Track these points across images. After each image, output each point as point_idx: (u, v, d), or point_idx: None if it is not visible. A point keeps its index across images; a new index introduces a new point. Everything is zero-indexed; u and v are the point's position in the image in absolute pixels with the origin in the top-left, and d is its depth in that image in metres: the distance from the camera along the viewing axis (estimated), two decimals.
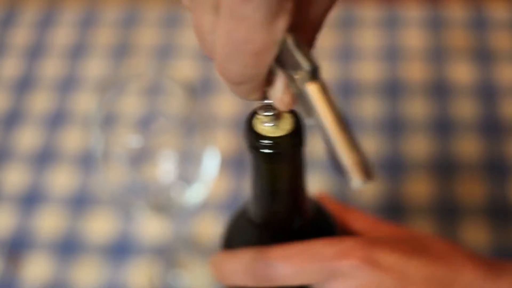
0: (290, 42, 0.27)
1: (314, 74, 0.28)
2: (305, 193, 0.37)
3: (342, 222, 0.41)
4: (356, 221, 0.41)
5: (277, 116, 0.32)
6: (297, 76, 0.28)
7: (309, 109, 0.28)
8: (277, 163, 0.33)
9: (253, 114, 0.33)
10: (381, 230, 0.40)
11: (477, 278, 0.37)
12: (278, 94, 0.30)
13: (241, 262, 0.38)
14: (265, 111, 0.32)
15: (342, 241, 0.37)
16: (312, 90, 0.28)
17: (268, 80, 0.30)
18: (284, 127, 0.32)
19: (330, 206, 0.41)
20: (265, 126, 0.32)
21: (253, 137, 0.32)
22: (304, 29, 0.29)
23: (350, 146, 0.27)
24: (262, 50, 0.27)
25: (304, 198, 0.37)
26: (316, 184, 0.68)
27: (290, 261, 0.36)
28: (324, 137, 0.28)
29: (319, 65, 0.28)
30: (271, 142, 0.32)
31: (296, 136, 0.32)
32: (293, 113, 0.32)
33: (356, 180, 0.27)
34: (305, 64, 0.27)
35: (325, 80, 0.28)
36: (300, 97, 0.29)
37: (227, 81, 0.29)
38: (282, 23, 0.27)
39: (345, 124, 0.27)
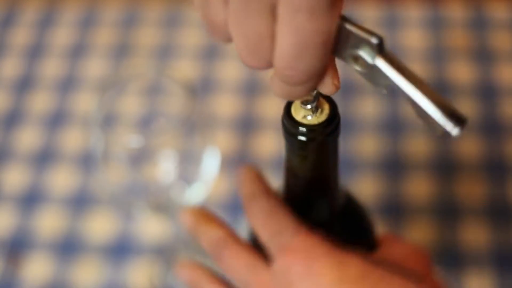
0: (344, 22, 0.28)
1: (382, 46, 0.28)
2: (337, 182, 0.37)
3: None
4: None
5: (316, 107, 0.32)
6: (363, 52, 0.28)
7: (383, 80, 0.28)
8: (312, 150, 0.33)
9: (291, 101, 0.33)
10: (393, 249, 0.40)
11: None
12: (328, 79, 0.30)
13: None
14: (306, 104, 0.32)
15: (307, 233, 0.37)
16: (385, 61, 0.28)
17: None
18: (321, 115, 0.32)
19: None
20: (303, 114, 0.33)
21: (290, 124, 0.33)
22: None
23: (438, 101, 0.27)
24: (329, 37, 0.27)
25: (335, 186, 0.37)
26: None
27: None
28: (411, 102, 0.28)
29: (382, 36, 0.28)
30: (308, 129, 0.32)
31: (332, 124, 0.32)
32: (329, 101, 0.33)
33: (453, 129, 0.27)
34: (372, 38, 0.27)
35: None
36: (368, 72, 0.29)
37: (292, 83, 0.29)
38: (340, 6, 0.27)
39: (425, 83, 0.28)
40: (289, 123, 0.33)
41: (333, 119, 0.32)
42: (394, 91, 0.28)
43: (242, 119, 0.74)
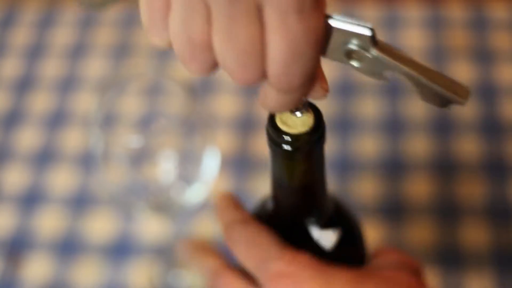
0: (330, 20, 0.27)
1: (375, 36, 0.28)
2: (324, 190, 0.37)
3: None
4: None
5: (302, 114, 0.32)
6: (357, 47, 0.28)
7: (384, 70, 0.29)
8: (298, 159, 0.33)
9: None
10: (385, 256, 0.40)
11: None
12: (317, 84, 0.30)
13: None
14: (296, 111, 0.32)
15: (293, 254, 0.36)
16: (383, 49, 0.28)
17: None
18: (305, 124, 0.32)
19: None
20: (287, 123, 0.32)
21: (275, 133, 0.32)
22: None
23: (442, 80, 0.29)
24: (319, 35, 0.27)
25: (323, 194, 0.37)
26: None
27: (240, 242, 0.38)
28: (413, 83, 0.29)
29: (372, 26, 0.28)
30: (294, 138, 0.32)
31: (317, 132, 0.32)
32: (313, 109, 0.33)
33: (463, 102, 0.29)
34: (364, 31, 0.27)
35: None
36: (366, 66, 0.29)
37: (288, 89, 0.28)
38: (324, 2, 0.26)
39: (425, 66, 0.29)
40: (274, 132, 0.32)
41: (319, 127, 0.32)
42: (394, 78, 0.29)
43: (242, 119, 0.74)
